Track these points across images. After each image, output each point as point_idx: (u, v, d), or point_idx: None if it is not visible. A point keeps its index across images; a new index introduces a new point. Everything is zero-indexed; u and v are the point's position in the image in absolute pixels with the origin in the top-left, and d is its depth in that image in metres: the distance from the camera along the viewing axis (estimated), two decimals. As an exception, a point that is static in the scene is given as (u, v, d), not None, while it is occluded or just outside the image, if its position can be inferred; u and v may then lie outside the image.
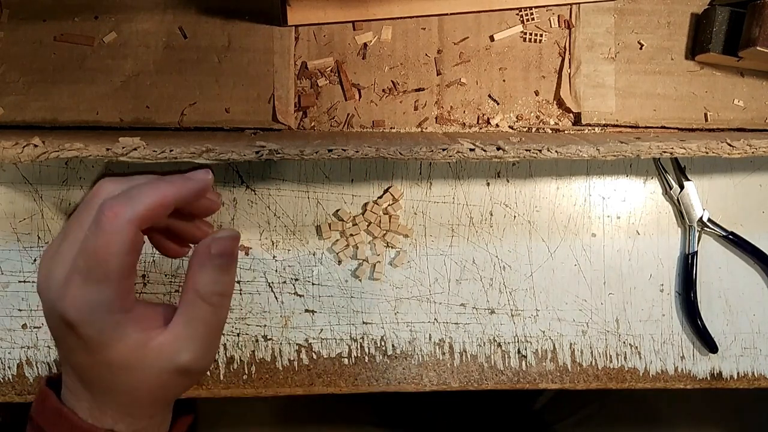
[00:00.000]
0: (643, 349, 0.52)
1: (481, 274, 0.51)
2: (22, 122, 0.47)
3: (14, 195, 0.48)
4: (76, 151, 0.38)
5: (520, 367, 0.52)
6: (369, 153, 0.40)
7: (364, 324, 0.51)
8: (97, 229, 0.33)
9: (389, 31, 0.50)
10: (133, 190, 0.35)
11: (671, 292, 0.53)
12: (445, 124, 0.51)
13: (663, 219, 0.53)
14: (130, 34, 0.48)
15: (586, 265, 0.52)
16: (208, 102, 0.48)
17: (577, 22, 0.51)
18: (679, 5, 0.51)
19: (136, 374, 0.36)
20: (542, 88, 0.51)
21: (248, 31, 0.48)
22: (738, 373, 0.53)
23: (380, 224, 0.50)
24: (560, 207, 0.52)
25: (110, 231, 0.33)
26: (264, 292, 0.50)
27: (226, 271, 0.38)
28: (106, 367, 0.36)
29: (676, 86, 0.52)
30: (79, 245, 0.34)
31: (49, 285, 0.35)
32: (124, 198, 0.34)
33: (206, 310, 0.37)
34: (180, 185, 0.36)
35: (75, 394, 0.37)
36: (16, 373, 0.49)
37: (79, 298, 0.34)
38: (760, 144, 0.43)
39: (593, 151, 0.42)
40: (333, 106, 0.50)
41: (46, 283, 0.35)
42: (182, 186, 0.36)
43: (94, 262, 0.33)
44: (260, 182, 0.50)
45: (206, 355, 0.38)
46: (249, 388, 0.50)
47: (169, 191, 0.35)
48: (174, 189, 0.36)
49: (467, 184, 0.51)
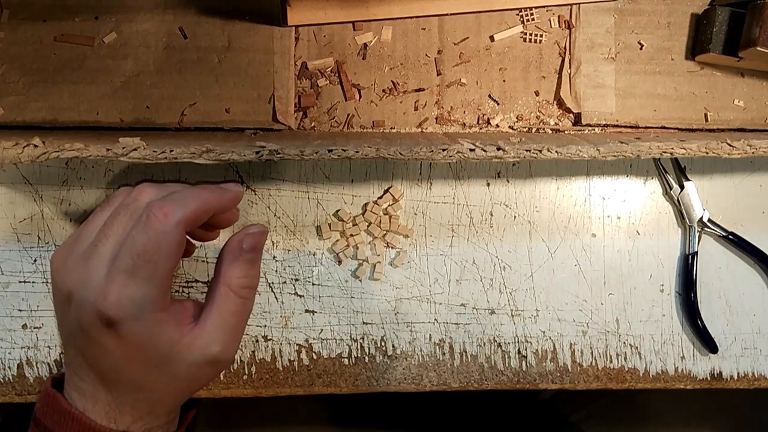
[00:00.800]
0: (643, 350, 0.52)
1: (482, 274, 0.51)
2: (22, 122, 0.47)
3: (14, 195, 0.48)
4: (76, 152, 0.38)
5: (520, 368, 0.52)
6: (369, 153, 0.40)
7: (364, 324, 0.51)
8: (146, 229, 0.35)
9: (389, 32, 0.50)
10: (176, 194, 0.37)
11: (671, 292, 0.53)
12: (445, 124, 0.51)
13: (663, 219, 0.53)
14: (130, 34, 0.48)
15: (587, 265, 0.52)
16: (208, 102, 0.48)
17: (577, 23, 0.51)
18: (679, 5, 0.51)
19: (170, 369, 0.37)
20: (542, 88, 0.51)
21: (248, 31, 0.48)
22: (738, 374, 0.53)
23: (380, 224, 0.50)
24: (560, 207, 0.52)
25: (161, 231, 0.35)
26: (264, 292, 0.50)
27: (254, 264, 0.40)
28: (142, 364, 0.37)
29: (676, 86, 0.52)
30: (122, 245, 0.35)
31: (84, 286, 0.36)
32: (171, 201, 0.36)
33: (237, 302, 0.39)
34: (219, 194, 0.38)
35: (91, 396, 0.37)
36: (16, 373, 0.49)
37: (124, 296, 0.35)
38: (760, 144, 0.43)
39: (593, 151, 0.42)
40: (333, 107, 0.50)
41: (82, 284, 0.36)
42: (221, 195, 0.39)
43: (143, 261, 0.34)
44: (260, 182, 0.50)
45: (234, 345, 0.40)
46: (249, 388, 0.50)
47: (212, 198, 0.38)
48: (215, 197, 0.38)
49: (467, 185, 0.51)
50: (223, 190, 0.39)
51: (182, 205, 0.36)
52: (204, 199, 0.37)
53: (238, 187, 0.40)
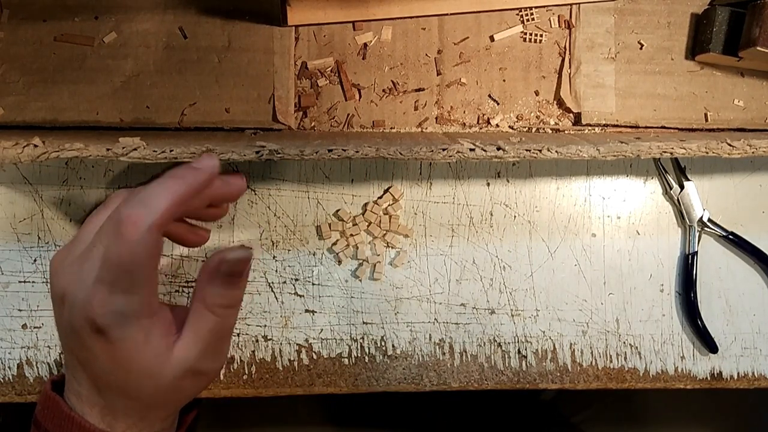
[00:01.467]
0: (643, 349, 0.52)
1: (481, 274, 0.51)
2: (22, 122, 0.47)
3: (14, 195, 0.48)
4: (76, 151, 0.38)
5: (520, 367, 0.52)
6: (369, 153, 0.40)
7: (364, 324, 0.51)
8: (117, 240, 0.33)
9: (389, 31, 0.50)
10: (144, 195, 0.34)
11: (671, 292, 0.53)
12: (445, 124, 0.51)
13: (663, 219, 0.53)
14: (130, 34, 0.48)
15: (586, 265, 0.52)
16: (208, 102, 0.48)
17: (577, 22, 0.51)
18: (679, 5, 0.51)
19: (156, 380, 0.37)
20: (542, 88, 0.51)
21: (248, 31, 0.48)
22: (738, 373, 0.53)
23: (380, 224, 0.50)
24: (560, 207, 0.52)
25: (132, 240, 0.33)
26: (264, 292, 0.50)
27: (232, 285, 0.38)
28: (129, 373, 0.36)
29: (676, 86, 0.52)
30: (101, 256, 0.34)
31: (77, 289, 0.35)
32: (139, 204, 0.33)
33: (212, 320, 0.38)
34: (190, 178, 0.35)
35: (87, 400, 0.37)
36: (16, 373, 0.49)
37: (107, 307, 0.34)
38: (760, 144, 0.43)
39: (593, 151, 0.42)
40: (333, 106, 0.50)
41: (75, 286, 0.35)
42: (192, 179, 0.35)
43: (120, 272, 0.33)
44: (260, 182, 0.50)
45: (216, 358, 0.39)
46: (249, 388, 0.50)
47: (181, 188, 0.34)
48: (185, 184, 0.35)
49: (467, 184, 0.51)
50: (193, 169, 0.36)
51: (150, 207, 0.33)
52: (173, 191, 0.34)
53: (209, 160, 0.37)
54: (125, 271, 0.33)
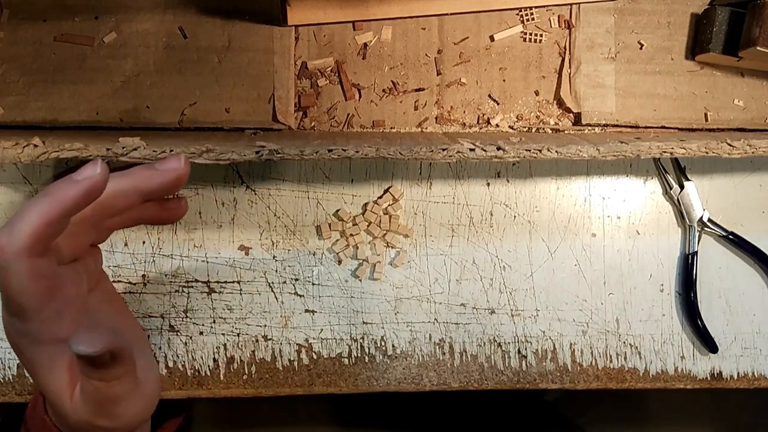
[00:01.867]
0: (643, 349, 0.52)
1: (481, 274, 0.51)
2: (22, 122, 0.47)
3: (14, 195, 0.48)
4: (76, 151, 0.38)
5: (520, 367, 0.52)
6: (369, 153, 0.40)
7: (364, 324, 0.51)
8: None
9: (389, 31, 0.50)
10: (14, 217, 0.31)
11: (671, 292, 0.53)
12: (445, 124, 0.51)
13: (663, 219, 0.53)
14: (130, 34, 0.48)
15: (586, 265, 0.52)
16: (208, 102, 0.48)
17: (577, 22, 0.51)
18: (679, 5, 0.51)
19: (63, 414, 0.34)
20: (542, 88, 0.51)
21: (248, 31, 0.48)
22: (738, 373, 0.53)
23: (380, 224, 0.50)
24: (560, 207, 0.52)
25: (3, 267, 0.30)
26: (264, 292, 0.50)
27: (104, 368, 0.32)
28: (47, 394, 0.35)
29: (676, 86, 0.52)
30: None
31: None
32: (6, 230, 0.30)
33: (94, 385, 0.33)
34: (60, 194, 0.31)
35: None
36: (16, 373, 0.49)
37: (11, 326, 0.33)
38: (760, 144, 0.43)
39: (593, 151, 0.42)
40: (333, 106, 0.50)
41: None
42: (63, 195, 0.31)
43: (5, 296, 0.32)
44: (260, 182, 0.50)
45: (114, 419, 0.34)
46: (249, 388, 0.50)
47: (50, 206, 0.30)
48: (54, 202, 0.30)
49: (467, 184, 0.51)
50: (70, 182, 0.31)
51: (14, 233, 0.30)
52: (41, 212, 0.30)
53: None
54: (8, 297, 0.31)
